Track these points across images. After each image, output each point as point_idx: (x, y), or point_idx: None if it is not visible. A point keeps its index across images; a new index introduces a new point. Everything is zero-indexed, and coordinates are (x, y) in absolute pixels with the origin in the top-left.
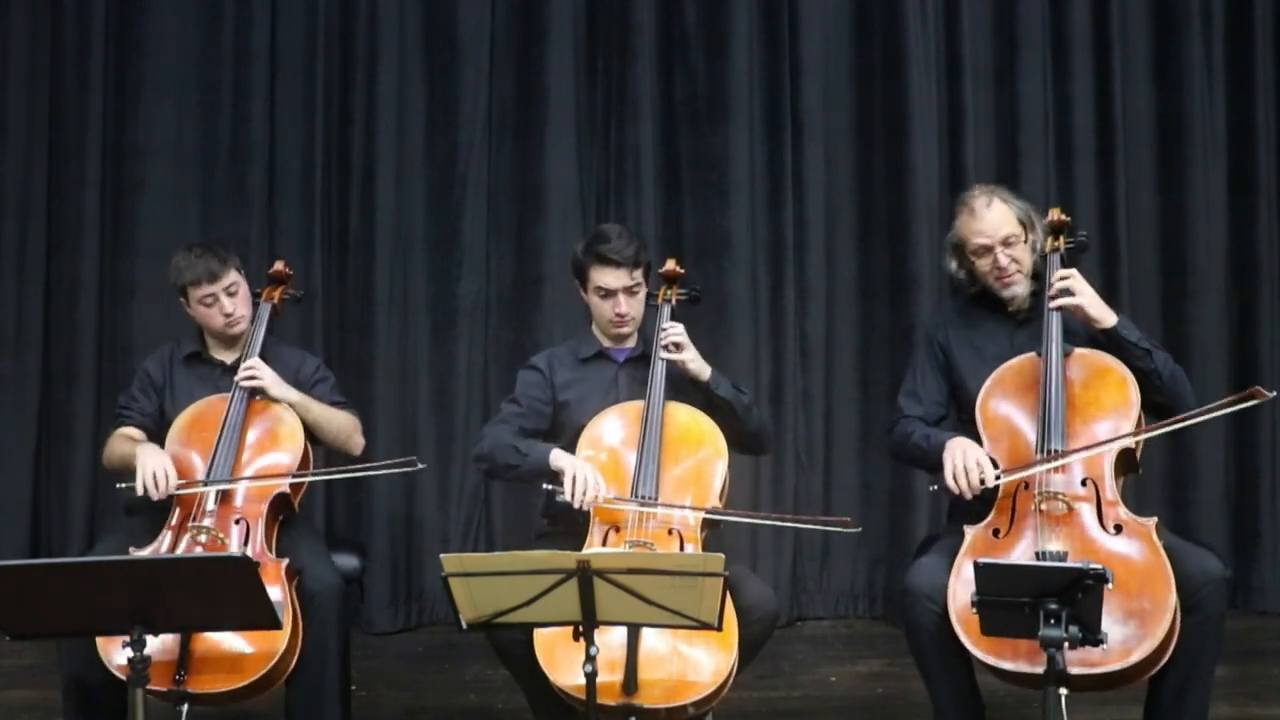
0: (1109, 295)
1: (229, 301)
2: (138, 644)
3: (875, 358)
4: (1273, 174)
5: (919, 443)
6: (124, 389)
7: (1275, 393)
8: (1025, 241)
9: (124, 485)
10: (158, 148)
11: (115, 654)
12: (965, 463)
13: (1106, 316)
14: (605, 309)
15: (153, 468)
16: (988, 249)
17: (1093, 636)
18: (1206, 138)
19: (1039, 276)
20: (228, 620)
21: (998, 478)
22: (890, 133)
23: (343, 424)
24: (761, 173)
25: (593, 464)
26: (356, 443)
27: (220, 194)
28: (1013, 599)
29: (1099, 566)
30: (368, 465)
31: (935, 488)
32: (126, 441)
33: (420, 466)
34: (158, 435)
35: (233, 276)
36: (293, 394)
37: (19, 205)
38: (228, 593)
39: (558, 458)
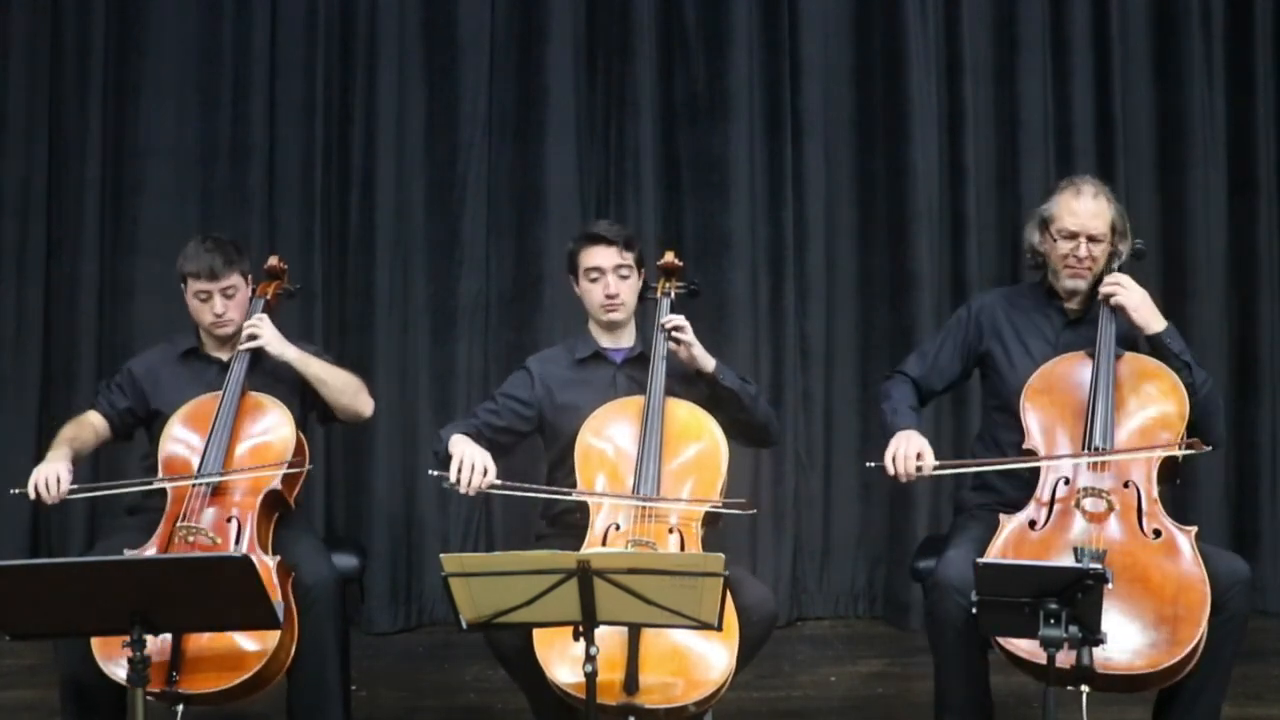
0: None
1: (221, 303)
2: (137, 644)
3: (875, 358)
4: (1273, 174)
5: (886, 412)
6: (109, 377)
7: (1210, 447)
8: (1109, 244)
9: (16, 491)
10: (158, 148)
11: (113, 665)
12: (907, 450)
13: (1153, 322)
14: (596, 292)
15: (44, 474)
16: (1073, 235)
17: (1092, 637)
18: (1206, 138)
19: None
20: (228, 620)
21: (936, 468)
22: (890, 133)
23: (347, 379)
24: (761, 173)
25: (592, 460)
26: (365, 402)
27: (220, 194)
28: (1013, 599)
29: (1099, 567)
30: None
31: (872, 464)
32: (73, 431)
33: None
34: (122, 430)
35: (233, 279)
36: (291, 350)
37: (19, 205)
38: (228, 593)
39: (454, 443)
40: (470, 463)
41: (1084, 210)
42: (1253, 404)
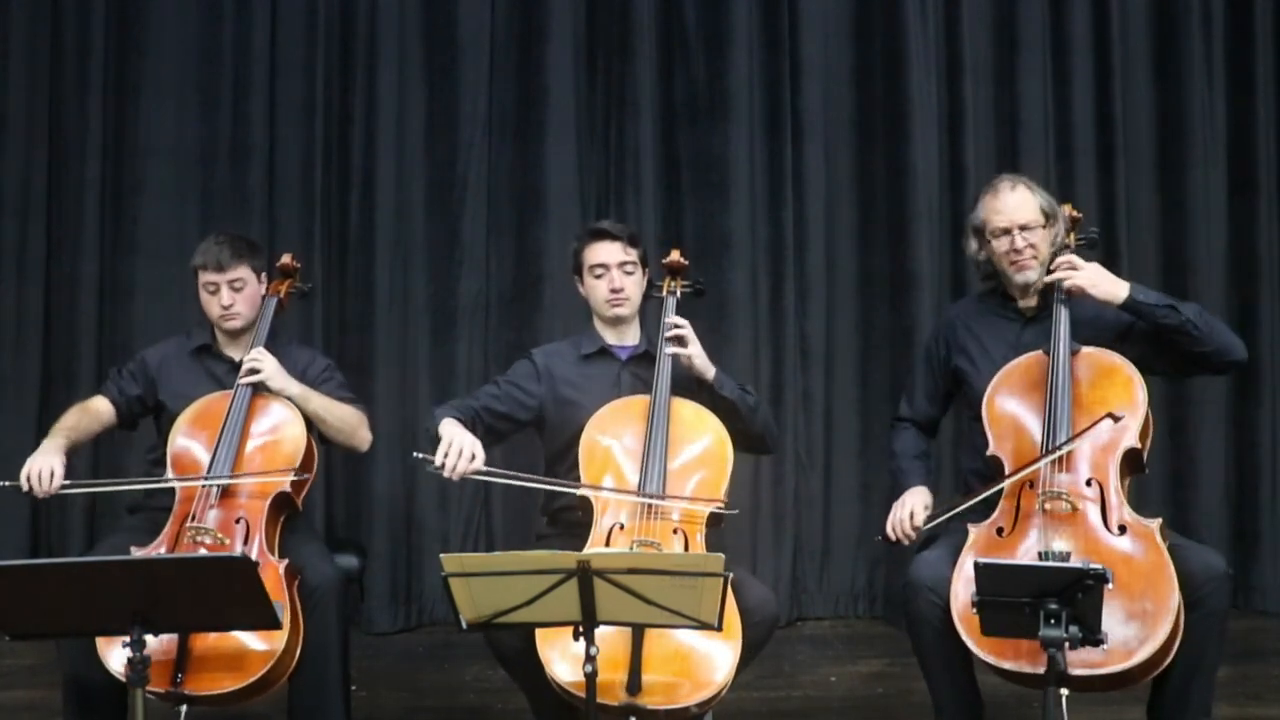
0: None
1: (229, 295)
2: (137, 644)
3: (875, 358)
4: (1273, 174)
5: (892, 471)
6: (122, 363)
7: (1124, 416)
8: (1045, 228)
9: (7, 484)
10: (158, 148)
11: (113, 657)
12: (901, 514)
13: (1117, 291)
14: (600, 288)
15: (38, 466)
16: (1006, 231)
17: (1093, 636)
18: (1206, 138)
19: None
20: (228, 620)
21: (925, 521)
22: (890, 133)
23: (346, 417)
24: (761, 173)
25: (597, 458)
26: (362, 437)
27: (220, 194)
28: (1013, 599)
29: (1099, 566)
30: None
31: (879, 539)
32: (74, 419)
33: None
34: (129, 417)
35: (241, 272)
36: (294, 386)
37: (19, 205)
38: (228, 593)
39: (443, 426)
40: (458, 447)
41: (1007, 205)
42: (1253, 404)
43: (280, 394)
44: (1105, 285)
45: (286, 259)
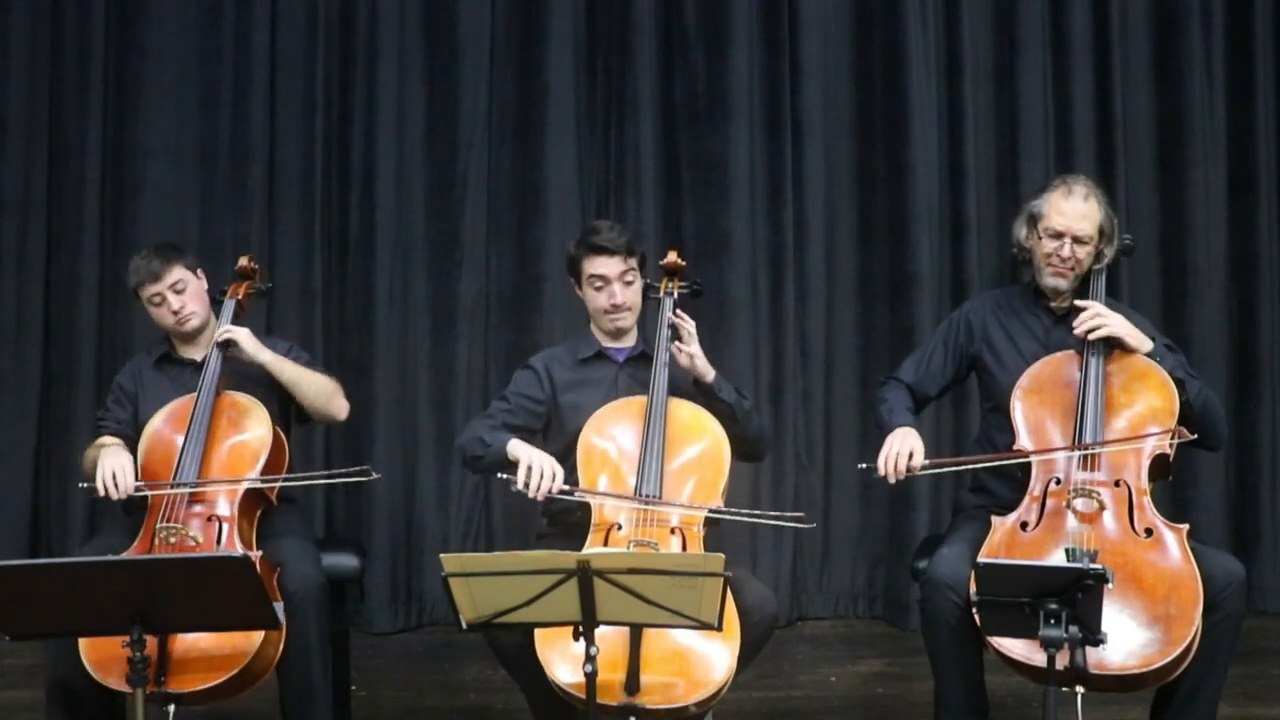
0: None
1: (176, 299)
2: (137, 644)
3: (875, 358)
4: (1273, 174)
5: (882, 413)
6: (102, 403)
7: (1195, 435)
8: (1094, 246)
9: (85, 485)
10: (158, 148)
11: (109, 678)
12: (900, 449)
13: (1142, 345)
14: (600, 300)
15: (111, 468)
16: (1059, 235)
17: (1092, 637)
18: (1206, 138)
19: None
20: (227, 620)
21: (924, 466)
22: (890, 133)
23: (321, 384)
24: (761, 173)
25: (595, 460)
26: (339, 405)
27: (220, 194)
28: (1012, 599)
29: (1099, 567)
30: (318, 474)
31: (864, 466)
32: (99, 448)
33: (375, 477)
34: (135, 442)
35: (177, 274)
36: (266, 353)
37: (19, 205)
38: (228, 593)
39: (515, 447)
40: (539, 467)
41: (1072, 211)
42: (1253, 404)
43: (253, 359)
44: (1137, 336)
45: (244, 261)
